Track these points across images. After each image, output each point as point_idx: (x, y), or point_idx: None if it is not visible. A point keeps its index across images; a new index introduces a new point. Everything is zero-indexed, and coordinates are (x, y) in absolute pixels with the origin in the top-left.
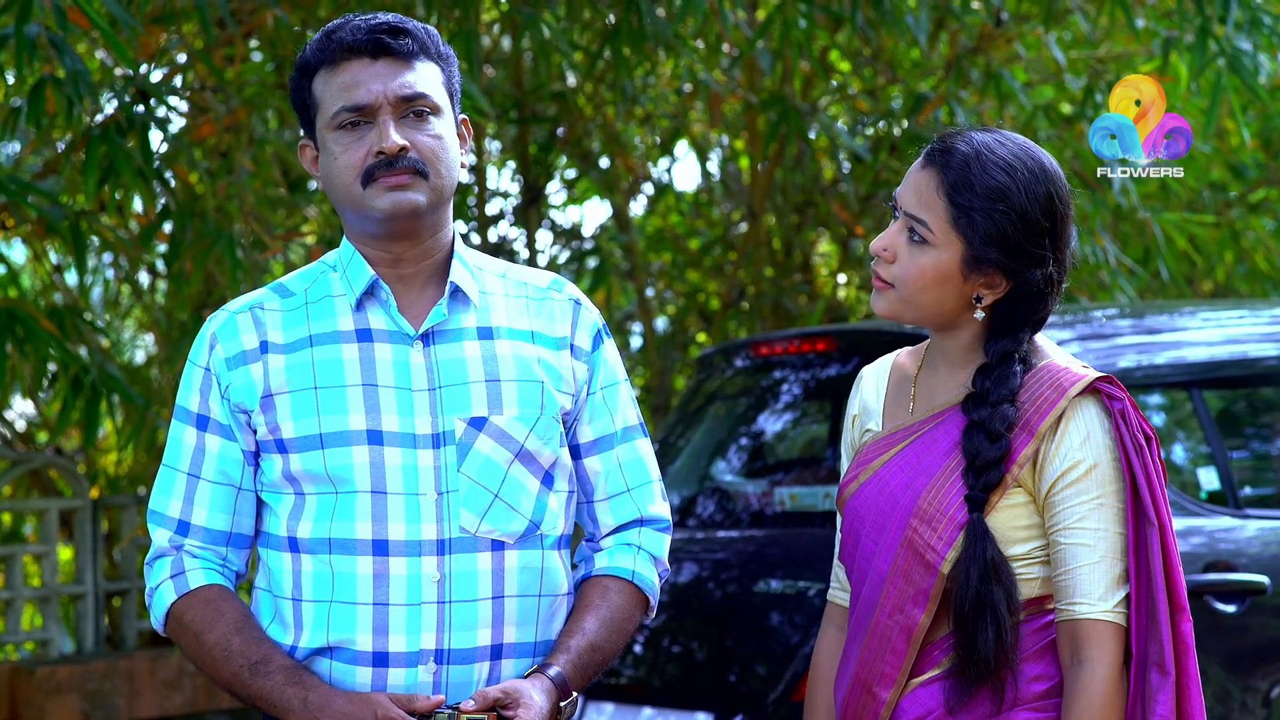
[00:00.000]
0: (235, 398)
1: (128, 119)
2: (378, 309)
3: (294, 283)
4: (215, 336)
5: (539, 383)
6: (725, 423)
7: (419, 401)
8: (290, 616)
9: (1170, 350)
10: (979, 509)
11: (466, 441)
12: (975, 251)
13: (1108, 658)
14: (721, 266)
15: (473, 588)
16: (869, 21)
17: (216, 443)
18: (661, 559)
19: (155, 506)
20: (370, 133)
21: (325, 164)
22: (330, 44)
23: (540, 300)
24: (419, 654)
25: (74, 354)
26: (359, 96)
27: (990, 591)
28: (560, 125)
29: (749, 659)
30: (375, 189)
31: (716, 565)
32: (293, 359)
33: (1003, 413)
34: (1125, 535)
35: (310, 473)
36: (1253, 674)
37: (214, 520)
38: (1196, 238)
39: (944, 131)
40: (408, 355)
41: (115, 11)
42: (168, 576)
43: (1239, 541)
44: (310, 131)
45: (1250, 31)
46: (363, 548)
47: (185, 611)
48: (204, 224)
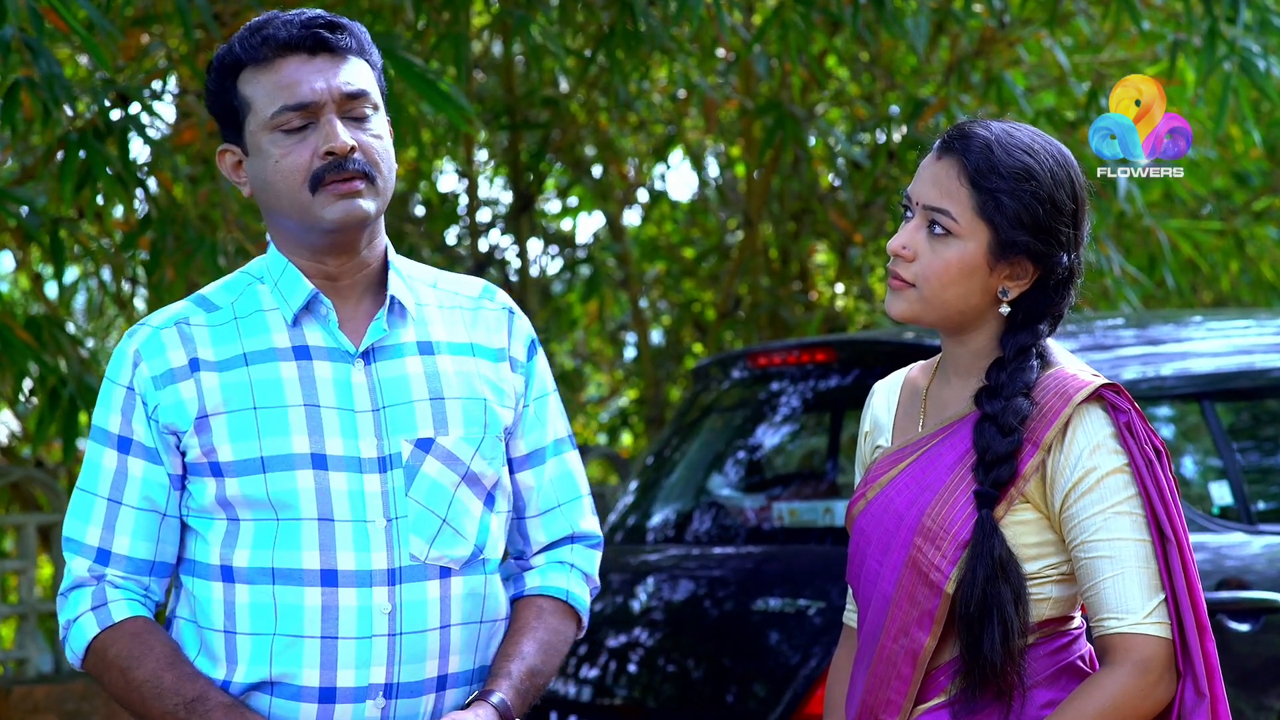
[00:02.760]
0: (164, 419)
1: (106, 124)
2: (315, 325)
3: (217, 295)
4: (139, 354)
5: (483, 400)
6: (722, 436)
7: (363, 423)
8: (221, 650)
9: (1176, 361)
10: (989, 505)
11: (414, 464)
12: (1004, 236)
13: (1137, 668)
14: (717, 276)
15: (422, 618)
16: (868, 25)
17: (140, 466)
18: (593, 576)
19: (71, 534)
20: (313, 134)
21: (259, 168)
22: (260, 40)
23: (475, 310)
24: (368, 689)
25: (52, 365)
26: (302, 94)
27: (997, 590)
28: (553, 132)
29: (747, 679)
30: (325, 196)
31: (713, 583)
32: (228, 377)
33: (1016, 405)
34: (1149, 542)
35: (249, 498)
36: (1266, 694)
37: (137, 549)
38: (1202, 245)
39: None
40: (349, 374)
41: (92, 15)
42: (88, 608)
43: (1252, 558)
44: (234, 136)
45: (1260, 33)
46: (310, 578)
47: (110, 646)
48: (186, 232)
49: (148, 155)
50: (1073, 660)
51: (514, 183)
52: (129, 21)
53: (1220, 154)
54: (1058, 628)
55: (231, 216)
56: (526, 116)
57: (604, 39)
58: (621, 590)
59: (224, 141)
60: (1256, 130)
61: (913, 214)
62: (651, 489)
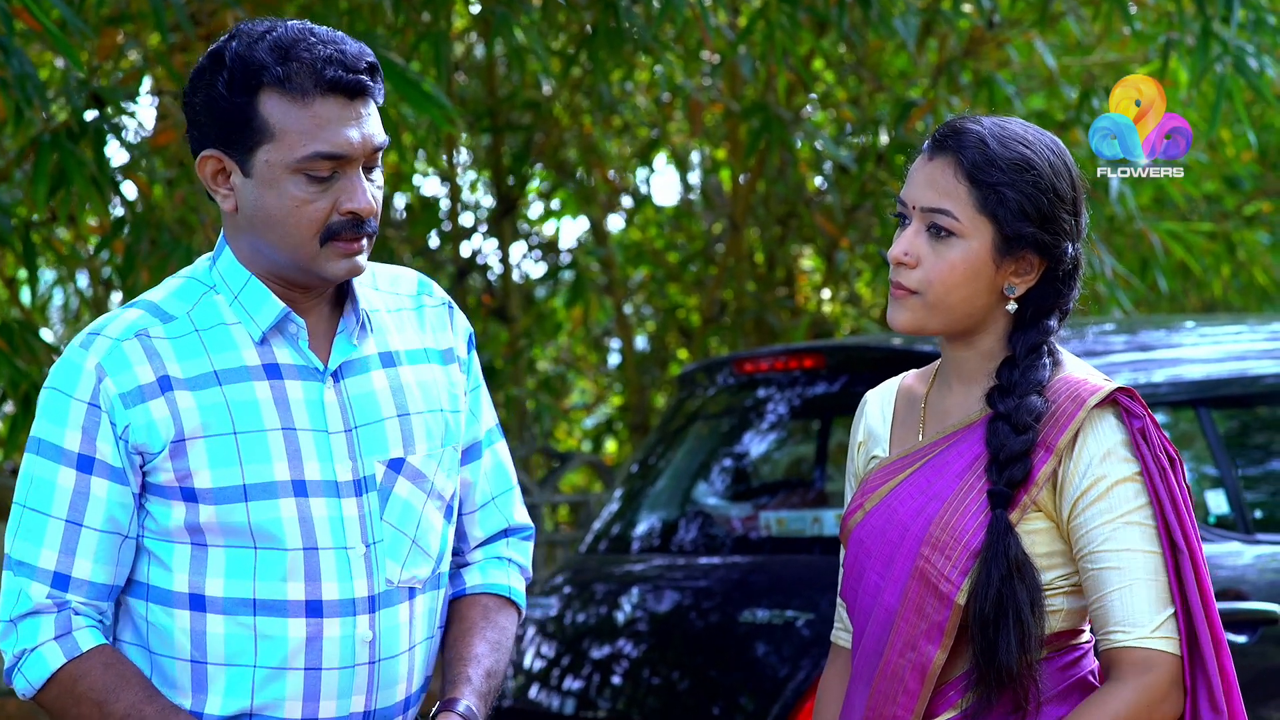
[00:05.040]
0: (135, 439)
1: (80, 125)
2: (283, 343)
3: (169, 304)
4: (102, 368)
5: (441, 412)
6: (708, 443)
7: (337, 445)
8: (186, 679)
9: (1168, 367)
10: (1003, 505)
11: (387, 486)
12: (1008, 231)
13: (1143, 683)
14: (702, 281)
15: (396, 642)
16: (855, 25)
17: (104, 487)
18: (528, 569)
19: (21, 556)
20: (335, 185)
21: (265, 201)
22: (297, 68)
23: (418, 310)
24: (348, 718)
25: (25, 371)
26: (339, 145)
27: (1013, 592)
28: (535, 135)
29: (733, 691)
30: (332, 250)
31: (699, 593)
32: (203, 397)
33: (1030, 404)
34: (1160, 554)
35: (226, 525)
36: (1264, 706)
37: (98, 573)
38: (1193, 249)
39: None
40: (321, 393)
41: (65, 14)
42: (50, 637)
43: (1250, 568)
44: (231, 148)
45: (1254, 32)
46: (294, 609)
47: (81, 677)
48: (162, 235)
49: (125, 157)
50: (1084, 675)
51: (496, 186)
52: (103, 20)
53: (1211, 157)
54: (1068, 641)
55: (210, 220)
56: (509, 119)
57: (586, 39)
58: (605, 600)
59: (209, 147)
60: (1252, 132)
61: (909, 219)
62: (636, 497)
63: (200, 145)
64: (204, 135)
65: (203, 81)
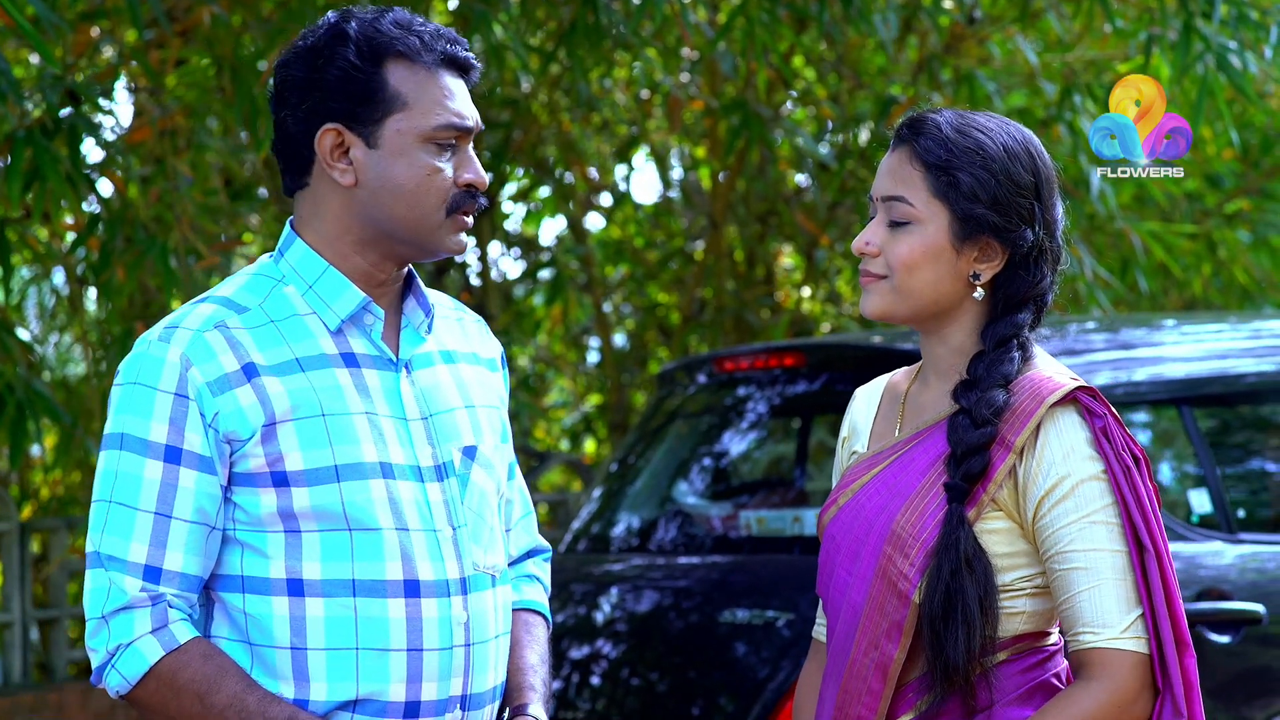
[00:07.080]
0: (225, 426)
1: (55, 121)
2: (357, 333)
3: (241, 297)
4: (187, 358)
5: (498, 408)
6: (687, 442)
7: (416, 431)
8: (288, 668)
9: (1150, 366)
10: (958, 499)
11: (464, 473)
12: (962, 213)
13: (1113, 684)
14: (682, 279)
15: (485, 627)
16: (835, 21)
17: (193, 477)
18: (549, 589)
19: (111, 551)
20: (453, 158)
21: (394, 171)
22: (419, 42)
23: (460, 320)
24: (447, 701)
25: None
26: (465, 118)
27: (961, 586)
28: (514, 132)
29: (713, 692)
30: (453, 223)
31: (678, 593)
32: (289, 382)
33: (990, 398)
34: (1126, 553)
35: (320, 509)
36: (1248, 706)
37: (190, 564)
38: (1174, 249)
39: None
40: (397, 382)
41: (40, 10)
42: (147, 630)
43: (1233, 568)
44: (360, 121)
45: (1237, 28)
46: (394, 589)
47: (181, 670)
48: (137, 232)
49: (100, 154)
50: (1047, 678)
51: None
52: (79, 16)
53: (1192, 155)
54: (1032, 644)
55: (185, 218)
56: (487, 116)
57: (565, 35)
58: (584, 601)
59: (330, 121)
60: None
61: (876, 212)
62: (615, 496)
63: (306, 124)
64: (319, 110)
65: (319, 59)
